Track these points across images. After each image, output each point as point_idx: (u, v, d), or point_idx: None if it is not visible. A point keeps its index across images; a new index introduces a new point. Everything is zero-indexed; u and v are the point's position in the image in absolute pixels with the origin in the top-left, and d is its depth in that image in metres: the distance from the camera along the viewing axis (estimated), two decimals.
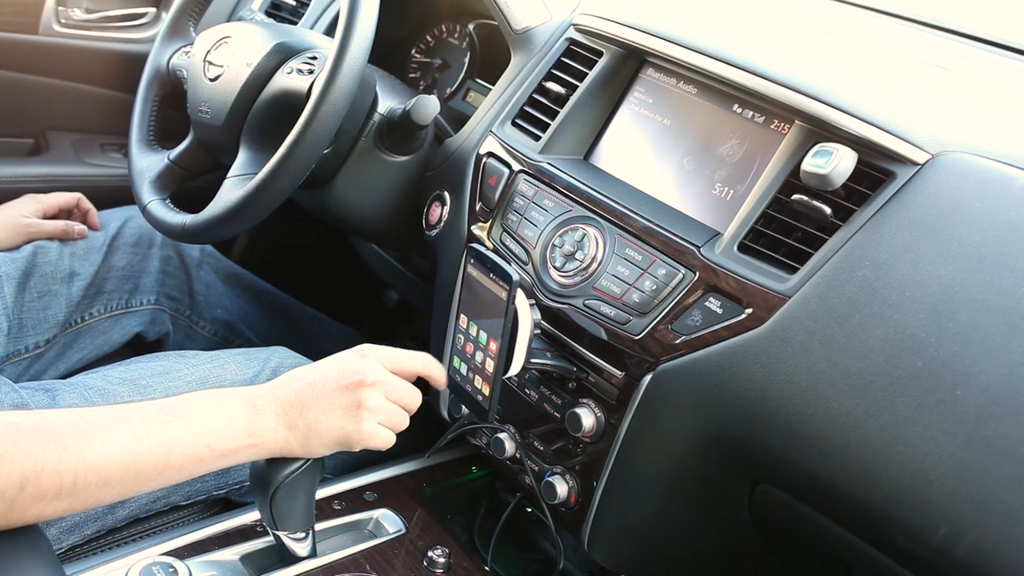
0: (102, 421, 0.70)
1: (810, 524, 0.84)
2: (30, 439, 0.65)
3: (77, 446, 0.67)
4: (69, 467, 0.66)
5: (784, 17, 1.24)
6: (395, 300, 1.88)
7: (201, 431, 0.75)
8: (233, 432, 0.77)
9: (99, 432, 0.69)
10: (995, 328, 0.70)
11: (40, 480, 0.64)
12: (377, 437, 0.84)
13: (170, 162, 1.23)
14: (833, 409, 0.76)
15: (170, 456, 0.72)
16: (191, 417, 0.75)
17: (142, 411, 0.73)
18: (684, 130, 0.99)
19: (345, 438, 0.82)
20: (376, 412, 0.83)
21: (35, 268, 1.26)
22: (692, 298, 0.86)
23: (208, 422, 0.76)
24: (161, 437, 0.72)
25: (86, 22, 1.69)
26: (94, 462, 0.67)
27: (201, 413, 0.76)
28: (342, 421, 0.82)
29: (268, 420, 0.79)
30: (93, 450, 0.68)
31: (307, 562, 0.94)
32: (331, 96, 1.00)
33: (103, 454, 0.68)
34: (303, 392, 0.82)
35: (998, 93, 1.04)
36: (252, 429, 0.78)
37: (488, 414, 0.91)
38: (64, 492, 0.66)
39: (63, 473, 0.65)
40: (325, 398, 0.82)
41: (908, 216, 0.77)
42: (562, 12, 1.20)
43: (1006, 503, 0.66)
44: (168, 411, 0.75)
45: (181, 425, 0.74)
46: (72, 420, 0.69)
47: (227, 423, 0.77)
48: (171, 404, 0.76)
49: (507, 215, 1.05)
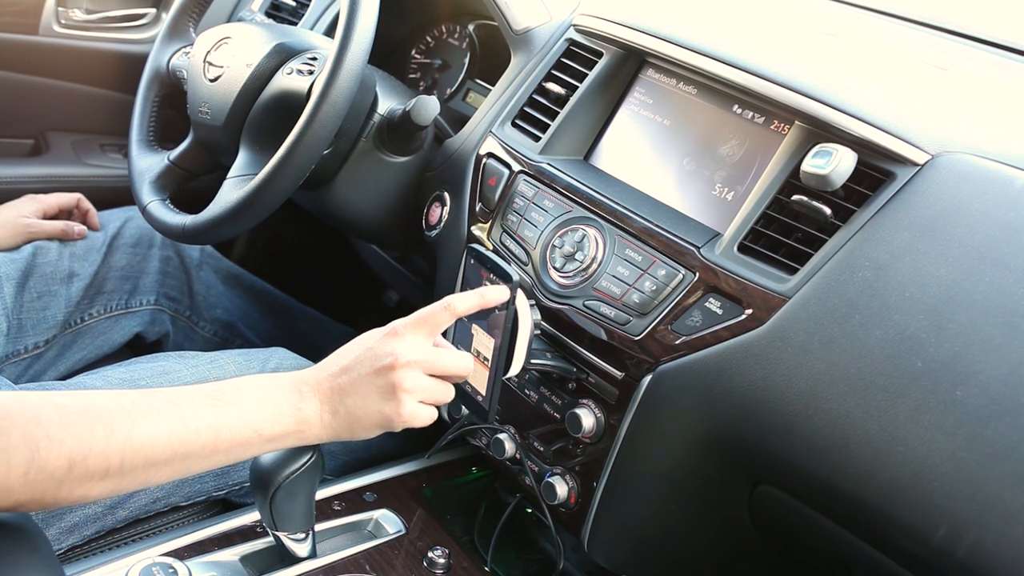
0: (151, 404, 0.71)
1: (810, 524, 0.84)
2: (78, 421, 0.65)
3: (125, 429, 0.67)
4: (116, 449, 0.66)
5: (784, 17, 1.23)
6: (395, 300, 1.88)
7: (249, 417, 0.75)
8: (280, 418, 0.77)
9: (147, 415, 0.69)
10: (995, 328, 0.70)
11: (87, 462, 0.65)
12: (419, 417, 0.82)
13: (170, 163, 1.23)
14: (833, 409, 0.76)
15: (218, 440, 0.73)
16: (239, 403, 0.76)
17: (190, 395, 0.74)
18: (684, 131, 0.99)
19: (386, 421, 0.81)
20: (414, 392, 0.81)
21: (35, 268, 1.26)
22: (692, 299, 0.86)
23: (256, 408, 0.76)
24: (209, 421, 0.73)
25: (86, 23, 1.69)
26: (141, 444, 0.68)
27: (249, 399, 0.76)
28: (380, 406, 0.80)
29: (313, 407, 0.80)
30: (140, 432, 0.68)
31: (307, 563, 0.94)
32: (331, 97, 1.00)
33: (150, 437, 0.69)
34: (339, 378, 0.81)
35: (998, 93, 1.03)
36: (299, 416, 0.79)
37: (488, 415, 0.91)
38: (111, 473, 0.66)
39: (110, 455, 0.66)
40: (361, 383, 0.80)
41: (908, 217, 0.77)
42: (562, 13, 1.20)
43: (1006, 503, 0.66)
44: (217, 395, 0.75)
45: (229, 410, 0.74)
46: (121, 402, 0.69)
47: (274, 409, 0.77)
48: (219, 388, 0.77)
49: (507, 216, 1.05)
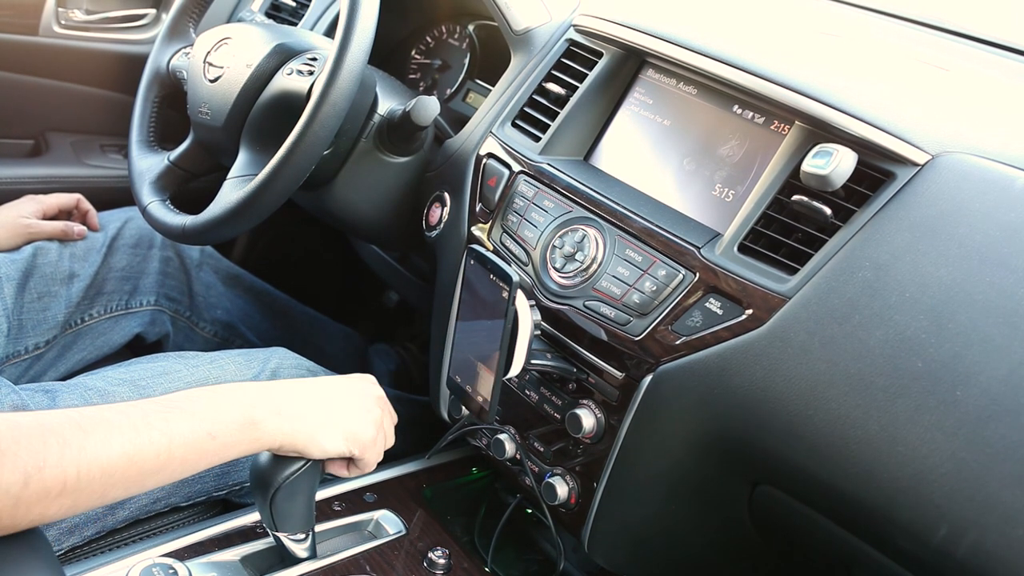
0: (102, 416, 0.70)
1: (810, 524, 0.84)
2: (31, 435, 0.65)
3: (78, 441, 0.67)
4: (72, 461, 0.66)
5: (784, 17, 1.23)
6: (395, 301, 1.88)
7: (200, 420, 0.75)
8: (234, 418, 0.77)
9: (99, 426, 0.69)
10: (995, 329, 0.70)
11: (43, 475, 0.64)
12: (377, 448, 0.90)
13: (170, 163, 1.23)
14: (833, 410, 0.76)
15: (172, 446, 0.72)
16: (190, 407, 0.76)
17: (141, 405, 0.74)
18: (684, 131, 0.99)
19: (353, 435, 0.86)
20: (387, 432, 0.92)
21: (35, 269, 1.26)
22: (692, 299, 0.86)
23: (207, 410, 0.76)
24: (162, 428, 0.72)
25: (86, 23, 1.69)
26: (96, 455, 0.67)
27: (199, 403, 0.77)
28: (356, 422, 0.87)
29: (271, 407, 0.80)
30: (94, 443, 0.68)
31: (307, 563, 0.94)
32: (331, 97, 1.00)
33: (104, 447, 0.68)
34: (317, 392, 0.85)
35: (998, 93, 1.03)
36: (251, 416, 0.78)
37: (488, 415, 0.91)
38: (68, 488, 0.66)
39: (66, 467, 0.65)
40: (347, 398, 0.87)
41: (908, 217, 0.77)
42: (562, 13, 1.20)
43: (1006, 504, 0.66)
44: (167, 404, 0.75)
45: (180, 415, 0.74)
46: (72, 417, 0.69)
47: (228, 410, 0.77)
48: (169, 398, 0.77)
49: (507, 216, 1.05)
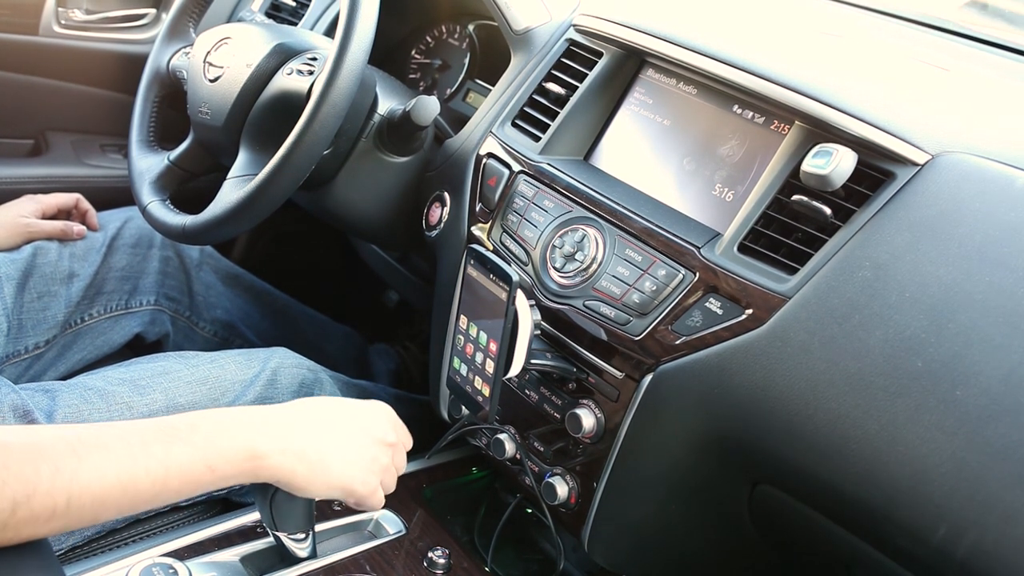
0: (99, 440, 0.67)
1: (810, 524, 0.84)
2: (21, 460, 0.62)
3: (71, 467, 0.63)
4: (63, 488, 0.63)
5: (784, 17, 1.24)
6: (395, 301, 1.88)
7: (201, 452, 0.72)
8: (235, 452, 0.74)
9: (94, 452, 0.65)
10: (995, 328, 0.70)
11: (32, 503, 0.61)
12: (377, 496, 0.86)
13: (170, 163, 1.23)
14: (833, 409, 0.76)
15: (168, 477, 0.69)
16: (191, 438, 0.72)
17: (141, 429, 0.71)
18: (684, 131, 0.99)
19: (350, 486, 0.82)
20: (386, 471, 0.86)
21: (35, 269, 1.25)
22: (692, 299, 0.86)
23: (208, 442, 0.73)
24: (160, 457, 0.69)
25: (86, 23, 1.69)
26: (89, 483, 0.64)
27: (201, 431, 0.73)
28: (357, 471, 0.83)
29: (273, 443, 0.77)
30: (88, 470, 0.64)
31: (307, 563, 0.94)
32: (331, 97, 1.00)
33: (98, 475, 0.65)
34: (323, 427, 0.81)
35: (998, 93, 1.04)
36: (254, 451, 0.75)
37: (488, 415, 0.91)
38: (58, 514, 0.63)
39: (56, 495, 0.62)
40: (352, 443, 0.82)
41: (908, 217, 0.77)
42: (562, 13, 1.19)
43: (1006, 503, 0.66)
44: (169, 431, 0.72)
45: (181, 447, 0.71)
46: (67, 438, 0.65)
47: (228, 443, 0.74)
48: (172, 424, 0.73)
49: (507, 216, 1.05)
